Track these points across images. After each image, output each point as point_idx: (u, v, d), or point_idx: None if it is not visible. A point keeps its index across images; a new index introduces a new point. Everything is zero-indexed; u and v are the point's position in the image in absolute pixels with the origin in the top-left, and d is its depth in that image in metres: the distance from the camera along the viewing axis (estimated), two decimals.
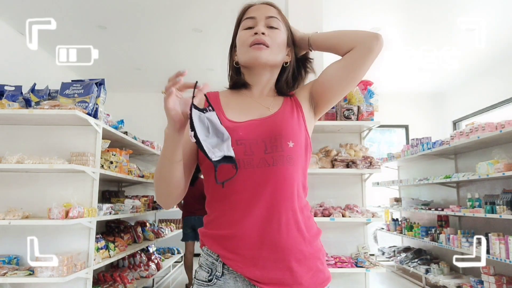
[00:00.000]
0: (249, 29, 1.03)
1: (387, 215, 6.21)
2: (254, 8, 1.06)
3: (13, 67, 4.60)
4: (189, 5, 4.35)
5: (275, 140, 0.94)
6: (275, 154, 0.93)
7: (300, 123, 1.00)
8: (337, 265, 2.90)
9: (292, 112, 1.01)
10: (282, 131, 0.95)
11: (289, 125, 0.97)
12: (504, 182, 3.86)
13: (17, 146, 2.75)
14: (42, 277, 2.38)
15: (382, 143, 7.69)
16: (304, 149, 0.99)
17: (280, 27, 1.05)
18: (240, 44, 1.05)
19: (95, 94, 2.76)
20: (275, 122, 0.97)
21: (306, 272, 0.92)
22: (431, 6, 4.33)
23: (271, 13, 1.05)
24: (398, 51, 5.48)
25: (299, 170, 0.96)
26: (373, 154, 3.21)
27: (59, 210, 2.46)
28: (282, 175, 0.92)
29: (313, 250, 0.95)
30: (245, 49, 1.02)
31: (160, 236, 4.69)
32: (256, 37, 1.00)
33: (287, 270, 0.90)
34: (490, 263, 3.66)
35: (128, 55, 5.87)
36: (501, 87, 5.72)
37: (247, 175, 0.91)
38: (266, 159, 0.93)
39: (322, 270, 0.96)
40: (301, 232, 0.94)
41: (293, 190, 0.94)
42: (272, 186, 0.91)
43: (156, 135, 6.41)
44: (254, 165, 0.92)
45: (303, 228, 0.95)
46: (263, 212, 0.91)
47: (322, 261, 0.98)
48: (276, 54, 1.03)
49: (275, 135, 0.94)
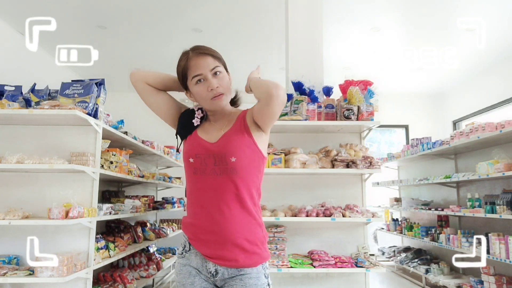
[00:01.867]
0: (199, 82, 1.29)
1: (387, 215, 6.21)
2: (196, 65, 1.29)
3: (13, 67, 4.60)
4: (189, 5, 4.35)
5: (221, 156, 1.27)
6: (221, 167, 1.26)
7: (247, 141, 1.29)
8: (337, 265, 2.90)
9: (239, 132, 1.30)
10: (226, 150, 1.27)
11: (232, 145, 1.27)
12: (504, 182, 3.86)
13: (17, 146, 2.75)
14: (42, 277, 2.38)
15: (382, 143, 7.69)
16: (251, 160, 1.29)
17: (222, 71, 1.31)
18: (201, 98, 1.32)
19: (95, 94, 2.76)
20: (222, 143, 1.29)
21: (242, 252, 1.24)
22: (431, 6, 4.33)
23: (212, 64, 1.29)
24: (398, 51, 5.48)
25: (245, 178, 1.27)
26: (373, 154, 3.21)
27: (59, 210, 2.46)
28: (226, 182, 1.25)
29: (251, 237, 1.26)
30: (208, 102, 1.31)
31: (162, 236, 4.69)
32: (213, 92, 1.28)
33: (227, 250, 1.23)
34: (490, 263, 3.66)
35: (128, 55, 5.87)
36: (501, 87, 5.72)
37: (203, 180, 1.28)
38: (215, 169, 1.27)
39: (258, 253, 1.27)
40: (241, 224, 1.25)
41: (237, 192, 1.26)
42: (219, 189, 1.26)
43: (156, 135, 6.42)
44: (207, 173, 1.27)
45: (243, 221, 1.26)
46: (212, 208, 1.25)
47: (259, 246, 1.28)
48: (229, 94, 1.35)
49: (220, 153, 1.27)
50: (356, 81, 3.17)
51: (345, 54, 5.78)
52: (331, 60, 5.70)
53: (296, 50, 3.67)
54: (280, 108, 1.26)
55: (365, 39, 5.24)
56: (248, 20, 4.71)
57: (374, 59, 5.85)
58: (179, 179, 5.71)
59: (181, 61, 1.33)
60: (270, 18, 4.62)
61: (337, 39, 5.21)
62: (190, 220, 1.32)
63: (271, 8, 4.40)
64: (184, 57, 1.32)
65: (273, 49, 5.44)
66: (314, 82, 3.32)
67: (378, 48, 5.51)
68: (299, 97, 3.19)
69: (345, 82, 3.24)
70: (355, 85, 3.12)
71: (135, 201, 3.80)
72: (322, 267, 2.87)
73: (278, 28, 4.65)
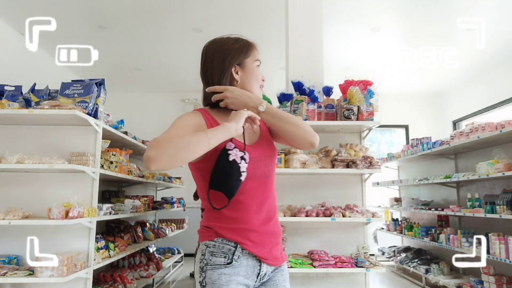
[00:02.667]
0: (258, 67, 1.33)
1: (387, 215, 6.21)
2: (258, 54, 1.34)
3: (13, 67, 4.60)
4: (189, 5, 4.35)
5: (270, 157, 1.30)
6: (269, 168, 1.29)
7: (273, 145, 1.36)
8: (337, 265, 2.90)
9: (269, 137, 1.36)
10: (271, 152, 1.31)
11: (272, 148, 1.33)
12: (504, 182, 3.86)
13: (17, 146, 2.75)
14: (42, 277, 2.38)
15: (382, 143, 7.69)
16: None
17: None
18: (253, 79, 1.31)
19: (95, 94, 2.76)
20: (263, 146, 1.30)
21: (280, 251, 1.32)
22: (431, 6, 4.33)
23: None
24: (398, 51, 5.48)
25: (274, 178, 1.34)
26: (373, 154, 3.21)
27: (59, 210, 2.46)
28: (272, 184, 1.31)
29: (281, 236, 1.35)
30: (256, 85, 1.33)
31: (161, 236, 4.69)
32: (262, 83, 1.35)
33: (276, 250, 1.29)
34: (490, 263, 3.66)
35: (128, 55, 5.87)
36: (501, 87, 5.72)
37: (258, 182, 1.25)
38: (265, 172, 1.27)
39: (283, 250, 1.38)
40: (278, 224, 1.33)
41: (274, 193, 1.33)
42: (268, 191, 1.28)
43: (156, 135, 6.40)
44: (257, 176, 1.25)
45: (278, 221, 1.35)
46: (265, 210, 1.27)
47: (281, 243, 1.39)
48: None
49: (266, 155, 1.29)
50: (356, 81, 3.18)
51: (345, 54, 5.78)
52: (331, 60, 5.70)
53: (296, 50, 3.68)
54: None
55: (365, 39, 5.24)
56: (248, 20, 4.71)
57: (374, 59, 5.85)
58: (179, 179, 5.71)
59: (245, 39, 1.35)
60: (270, 18, 4.62)
61: (337, 39, 5.21)
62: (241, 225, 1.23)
63: (271, 8, 4.40)
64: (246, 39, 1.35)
65: (273, 49, 5.44)
66: (314, 82, 3.32)
67: (378, 48, 5.52)
68: (299, 97, 3.19)
69: (345, 82, 3.24)
70: (355, 85, 3.12)
71: (135, 201, 3.80)
72: (322, 267, 2.87)
73: (278, 28, 4.66)
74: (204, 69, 1.31)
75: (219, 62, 1.27)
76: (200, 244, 1.25)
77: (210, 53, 1.30)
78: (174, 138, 1.08)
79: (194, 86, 7.30)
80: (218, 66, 1.27)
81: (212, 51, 1.30)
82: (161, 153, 1.04)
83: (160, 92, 7.63)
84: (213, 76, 1.27)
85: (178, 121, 1.19)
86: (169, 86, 7.34)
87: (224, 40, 1.33)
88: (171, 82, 7.11)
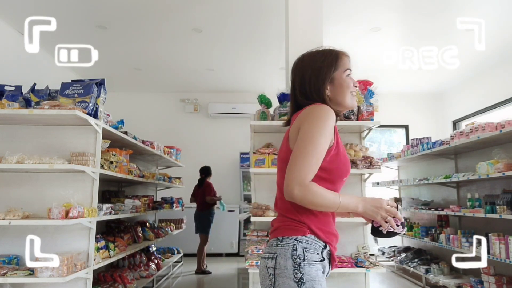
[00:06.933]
0: (349, 76, 1.36)
1: None
2: (348, 62, 1.37)
3: (13, 67, 4.60)
4: (189, 5, 4.35)
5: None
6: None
7: None
8: (337, 265, 2.90)
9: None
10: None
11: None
12: (504, 182, 3.85)
13: (17, 146, 2.75)
14: (42, 277, 2.38)
15: (382, 143, 7.69)
16: None
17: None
18: (346, 88, 1.34)
19: (95, 94, 2.76)
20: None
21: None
22: (431, 6, 4.33)
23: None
24: (398, 51, 5.47)
25: None
26: (373, 154, 3.21)
27: (59, 210, 2.46)
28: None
29: None
30: (348, 95, 1.35)
31: (160, 236, 4.69)
32: (354, 89, 1.37)
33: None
34: (490, 263, 3.66)
35: (128, 55, 5.87)
36: (501, 87, 5.72)
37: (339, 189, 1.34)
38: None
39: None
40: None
41: None
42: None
43: (156, 135, 6.42)
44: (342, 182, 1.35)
45: None
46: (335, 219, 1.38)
47: None
48: None
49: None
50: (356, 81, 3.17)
51: None
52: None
53: (296, 50, 3.67)
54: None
55: (365, 39, 5.24)
56: (248, 20, 4.71)
57: (374, 59, 5.85)
58: (179, 179, 5.71)
59: (333, 52, 1.36)
60: (270, 18, 4.62)
61: (337, 39, 5.21)
62: (328, 228, 1.33)
63: (271, 8, 4.40)
64: (334, 51, 1.37)
65: (273, 49, 5.44)
66: None
67: (378, 48, 5.52)
68: None
69: None
70: None
71: (135, 201, 3.80)
72: None
73: (278, 28, 4.66)
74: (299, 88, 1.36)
75: (311, 81, 1.33)
76: (287, 238, 1.24)
77: (299, 72, 1.38)
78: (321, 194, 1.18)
79: (194, 86, 7.31)
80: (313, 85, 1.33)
81: (301, 71, 1.37)
82: (305, 200, 1.17)
83: (160, 92, 7.63)
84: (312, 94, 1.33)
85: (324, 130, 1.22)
86: (169, 86, 7.34)
87: (313, 58, 1.37)
88: (171, 82, 7.11)
